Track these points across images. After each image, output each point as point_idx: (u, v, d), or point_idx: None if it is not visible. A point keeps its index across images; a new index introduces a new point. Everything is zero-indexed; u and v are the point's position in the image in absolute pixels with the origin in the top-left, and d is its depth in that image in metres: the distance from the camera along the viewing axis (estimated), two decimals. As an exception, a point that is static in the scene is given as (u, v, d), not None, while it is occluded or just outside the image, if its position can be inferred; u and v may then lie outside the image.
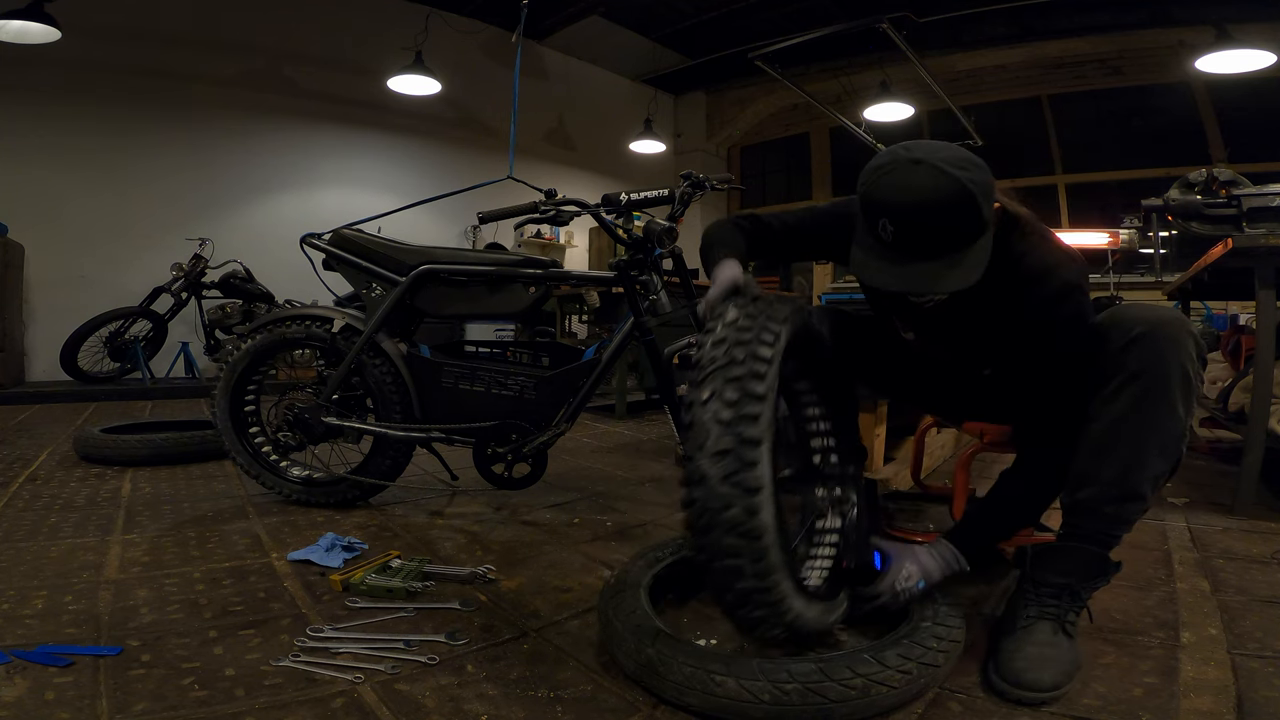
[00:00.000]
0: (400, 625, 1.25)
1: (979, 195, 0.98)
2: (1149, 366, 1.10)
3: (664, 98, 8.84)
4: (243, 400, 2.07)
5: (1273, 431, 2.02)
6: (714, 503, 0.92)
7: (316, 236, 2.08)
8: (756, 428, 0.93)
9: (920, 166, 0.99)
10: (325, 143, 6.25)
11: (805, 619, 1.00)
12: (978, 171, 1.00)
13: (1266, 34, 5.15)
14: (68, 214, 5.08)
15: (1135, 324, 1.12)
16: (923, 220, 0.99)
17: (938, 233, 1.00)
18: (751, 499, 0.91)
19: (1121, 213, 6.26)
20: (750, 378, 0.95)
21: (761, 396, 0.94)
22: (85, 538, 1.69)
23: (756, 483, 0.91)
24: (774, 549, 0.94)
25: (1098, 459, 1.14)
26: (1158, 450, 1.11)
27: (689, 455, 0.95)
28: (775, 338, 1.00)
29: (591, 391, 1.88)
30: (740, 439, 0.92)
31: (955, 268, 1.02)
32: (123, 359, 4.92)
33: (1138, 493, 1.13)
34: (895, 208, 1.00)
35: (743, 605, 0.96)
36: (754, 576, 0.93)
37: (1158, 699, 1.02)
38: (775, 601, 0.95)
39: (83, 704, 0.96)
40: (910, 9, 4.98)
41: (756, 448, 0.92)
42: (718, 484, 0.91)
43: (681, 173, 1.90)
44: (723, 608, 1.00)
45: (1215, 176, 2.74)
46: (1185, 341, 1.10)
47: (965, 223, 1.00)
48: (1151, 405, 1.10)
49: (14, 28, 4.32)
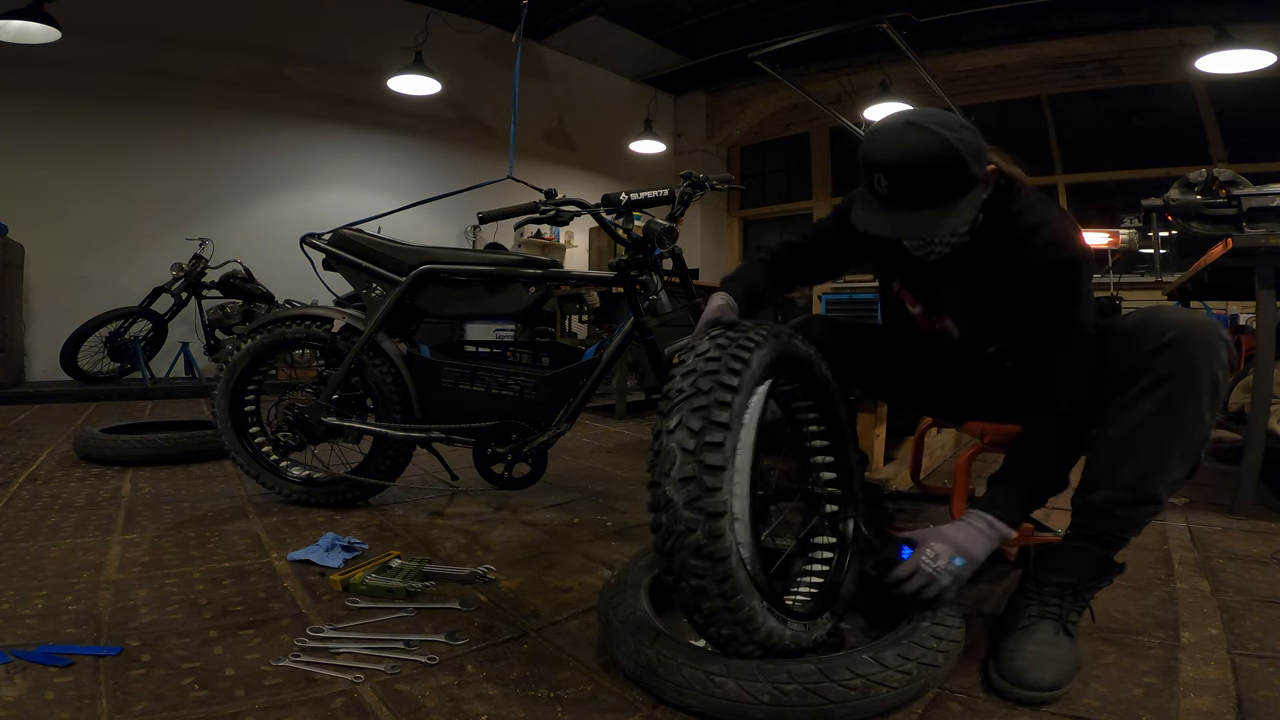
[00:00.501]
0: (400, 625, 1.25)
1: (965, 153, 1.07)
2: (1179, 370, 1.09)
3: (664, 98, 8.85)
4: (243, 400, 2.07)
5: (1273, 431, 2.02)
6: (678, 526, 0.96)
7: (316, 236, 2.08)
8: (719, 454, 0.96)
9: (912, 127, 1.09)
10: (325, 143, 6.25)
11: (779, 637, 1.02)
12: (967, 133, 1.09)
13: (1266, 34, 5.15)
14: (68, 214, 5.08)
15: (1169, 328, 1.11)
16: (912, 173, 1.08)
17: (927, 185, 1.09)
18: (714, 523, 0.95)
19: (1121, 213, 6.27)
20: (715, 406, 0.99)
21: (725, 424, 0.98)
22: (85, 538, 1.69)
23: (719, 507, 0.95)
24: (739, 570, 0.97)
25: (1116, 462, 1.13)
26: (1180, 455, 1.10)
27: (655, 481, 0.99)
28: (744, 365, 1.03)
29: (591, 391, 1.88)
30: (703, 465, 0.96)
31: (944, 216, 1.10)
32: (123, 359, 4.92)
33: (1154, 496, 1.12)
34: (888, 163, 1.09)
35: (711, 624, 0.99)
36: (719, 597, 0.96)
37: (1158, 699, 1.02)
38: (743, 620, 0.98)
39: (83, 704, 0.96)
40: (910, 9, 4.98)
41: (720, 474, 0.96)
42: (681, 509, 0.95)
43: (681, 173, 1.90)
44: (694, 626, 1.02)
45: (1215, 176, 2.74)
46: (1219, 348, 1.09)
47: (952, 176, 1.08)
48: (1178, 410, 1.09)
49: (14, 28, 4.32)
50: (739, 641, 0.99)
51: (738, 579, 0.96)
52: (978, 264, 1.24)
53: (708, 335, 1.10)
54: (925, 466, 2.20)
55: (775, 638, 1.01)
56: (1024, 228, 1.18)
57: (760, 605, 0.99)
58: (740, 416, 1.01)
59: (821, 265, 1.52)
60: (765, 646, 1.00)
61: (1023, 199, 1.21)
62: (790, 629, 1.04)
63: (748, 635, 0.99)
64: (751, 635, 0.99)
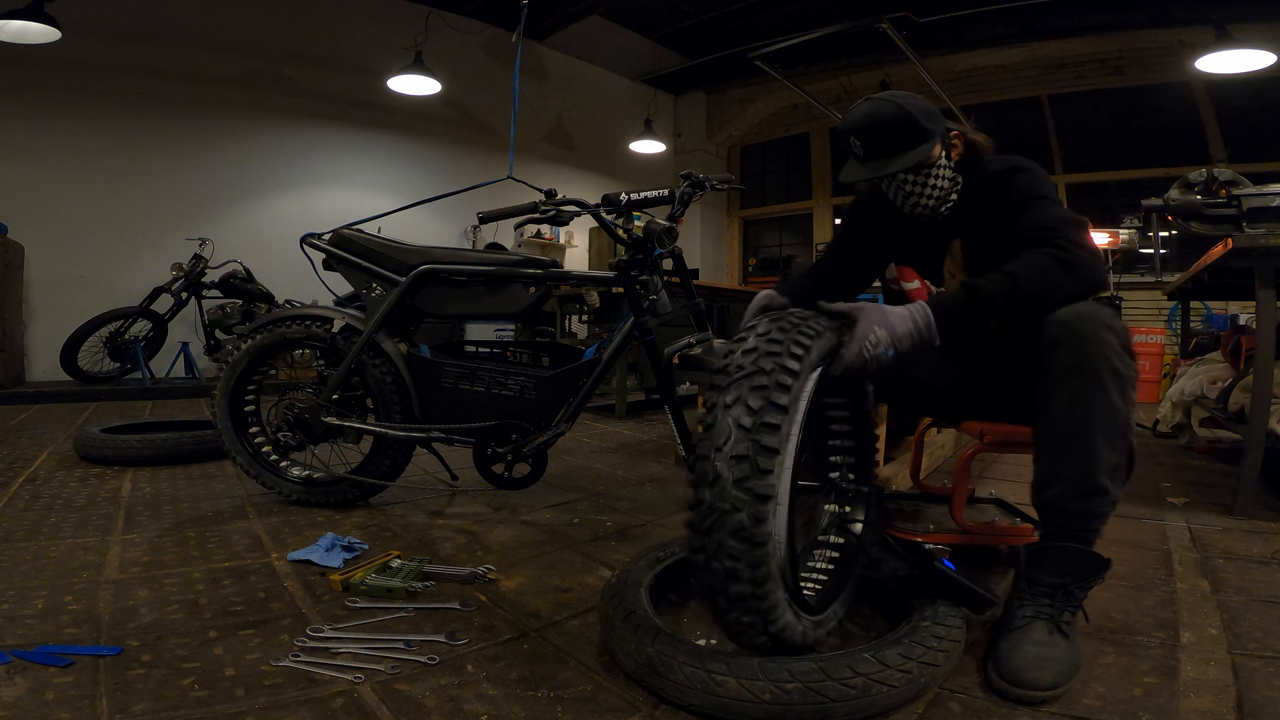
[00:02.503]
0: (400, 625, 1.25)
1: (915, 113, 1.31)
2: (1075, 364, 1.12)
3: (664, 98, 8.85)
4: (243, 400, 2.07)
5: (1273, 431, 2.02)
6: (723, 504, 0.93)
7: (316, 236, 2.08)
8: (775, 437, 0.94)
9: (872, 100, 1.36)
10: (325, 143, 6.25)
11: (791, 631, 1.01)
12: (917, 100, 1.35)
13: (1266, 34, 5.15)
14: (68, 214, 5.08)
15: (1055, 323, 1.15)
16: (873, 129, 1.32)
17: (886, 137, 1.32)
18: (761, 506, 0.92)
19: (1121, 213, 6.28)
20: (775, 388, 0.96)
21: (784, 407, 0.95)
22: (85, 538, 1.69)
23: (768, 490, 0.93)
24: (773, 559, 0.95)
25: (1054, 459, 1.16)
26: (1105, 443, 1.12)
27: (704, 455, 0.96)
28: (805, 351, 1.01)
29: (591, 391, 1.88)
30: (759, 446, 0.93)
31: (903, 157, 1.32)
32: (123, 359, 4.92)
33: (1098, 486, 1.13)
34: (855, 124, 1.34)
35: (733, 609, 0.97)
36: (750, 582, 0.94)
37: (1158, 699, 1.02)
38: (766, 610, 0.96)
39: (83, 704, 0.96)
40: (910, 9, 4.99)
41: (773, 456, 0.93)
42: (730, 487, 0.93)
43: (681, 173, 1.90)
44: (713, 609, 1.01)
45: (1215, 176, 2.74)
46: (1105, 336, 1.12)
47: (905, 128, 1.31)
48: (1088, 402, 1.12)
49: (14, 28, 4.32)
50: (754, 630, 0.98)
51: (770, 567, 0.94)
52: (966, 219, 1.41)
53: (768, 317, 1.08)
54: (925, 466, 2.20)
55: (788, 631, 1.00)
56: (991, 173, 1.38)
57: (784, 597, 0.99)
58: (798, 402, 0.99)
59: (846, 269, 1.60)
60: (777, 639, 0.99)
61: (990, 154, 1.40)
62: (802, 624, 1.04)
63: (765, 625, 0.98)
64: (768, 626, 0.98)
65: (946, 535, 1.53)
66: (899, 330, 1.11)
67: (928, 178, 1.36)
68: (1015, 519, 1.65)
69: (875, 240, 1.56)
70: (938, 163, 1.36)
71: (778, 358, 0.99)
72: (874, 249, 1.58)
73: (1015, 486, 2.38)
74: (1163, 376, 5.47)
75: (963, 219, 1.41)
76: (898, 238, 1.52)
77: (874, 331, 1.09)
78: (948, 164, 1.38)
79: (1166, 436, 3.31)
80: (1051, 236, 1.20)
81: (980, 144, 1.41)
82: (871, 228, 1.55)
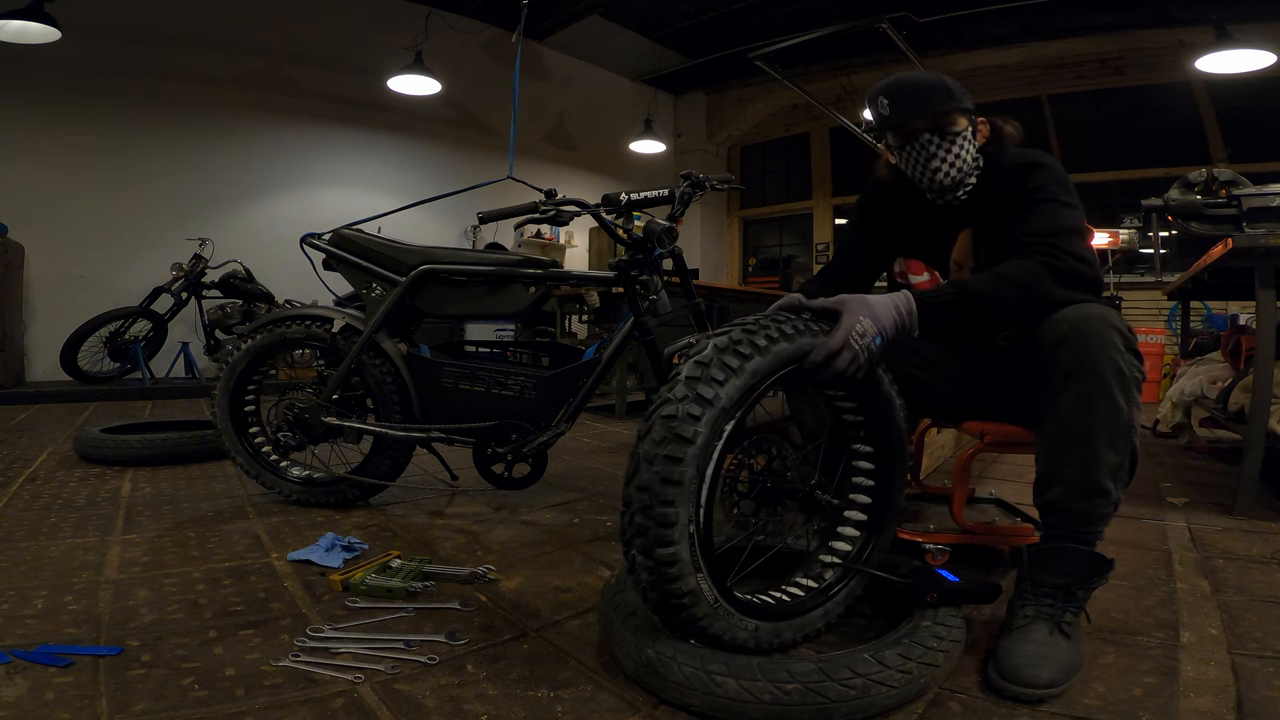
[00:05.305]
0: (400, 625, 1.25)
1: (950, 84, 1.35)
2: (1081, 365, 1.12)
3: (664, 98, 8.84)
4: (243, 400, 2.07)
5: (1273, 431, 2.02)
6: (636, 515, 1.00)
7: (316, 236, 2.08)
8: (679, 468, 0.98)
9: (905, 71, 1.42)
10: (325, 143, 6.25)
11: (736, 635, 1.05)
12: (955, 82, 1.37)
13: (1266, 34, 5.15)
14: (68, 214, 5.08)
15: (1061, 323, 1.14)
16: (905, 89, 1.35)
17: (916, 96, 1.34)
18: (667, 532, 0.98)
19: (1121, 213, 6.28)
20: (685, 418, 0.99)
21: (689, 439, 0.99)
22: (85, 538, 1.69)
23: (670, 519, 0.98)
24: (686, 573, 0.99)
25: (1056, 459, 1.16)
26: (1107, 444, 1.12)
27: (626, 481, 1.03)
28: (726, 378, 1.01)
29: (591, 391, 1.88)
30: (661, 478, 0.98)
31: (933, 109, 1.34)
32: (123, 359, 4.92)
33: (1099, 487, 1.13)
34: (885, 87, 1.37)
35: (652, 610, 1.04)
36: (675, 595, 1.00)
37: (1158, 699, 1.02)
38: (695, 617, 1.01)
39: (83, 704, 0.96)
40: (910, 9, 4.98)
41: (676, 486, 0.98)
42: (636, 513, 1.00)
43: (681, 173, 1.90)
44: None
45: (1215, 176, 2.74)
46: (1111, 336, 1.12)
47: (936, 90, 1.34)
48: (1092, 402, 1.12)
49: (14, 28, 4.32)
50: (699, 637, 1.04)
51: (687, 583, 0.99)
52: (979, 208, 1.41)
53: (713, 341, 1.07)
54: (925, 466, 2.20)
55: (734, 636, 1.05)
56: (1009, 165, 1.38)
57: (708, 608, 1.02)
58: (715, 424, 1.01)
59: (853, 266, 1.61)
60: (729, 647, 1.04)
61: (1013, 151, 1.40)
62: (746, 627, 1.07)
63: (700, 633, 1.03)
64: (703, 632, 1.03)
65: (947, 535, 1.52)
66: (885, 319, 1.11)
67: (952, 143, 1.35)
68: (1015, 519, 1.65)
69: (885, 230, 1.55)
70: (963, 132, 1.35)
71: (704, 375, 1.01)
72: (883, 239, 1.57)
73: (1015, 486, 2.38)
74: (1163, 376, 5.47)
75: (975, 208, 1.42)
76: (908, 225, 1.51)
77: (860, 321, 1.08)
78: (973, 141, 1.38)
79: (1166, 436, 3.31)
80: (1045, 244, 1.20)
81: (1007, 132, 1.41)
82: (881, 217, 1.55)
